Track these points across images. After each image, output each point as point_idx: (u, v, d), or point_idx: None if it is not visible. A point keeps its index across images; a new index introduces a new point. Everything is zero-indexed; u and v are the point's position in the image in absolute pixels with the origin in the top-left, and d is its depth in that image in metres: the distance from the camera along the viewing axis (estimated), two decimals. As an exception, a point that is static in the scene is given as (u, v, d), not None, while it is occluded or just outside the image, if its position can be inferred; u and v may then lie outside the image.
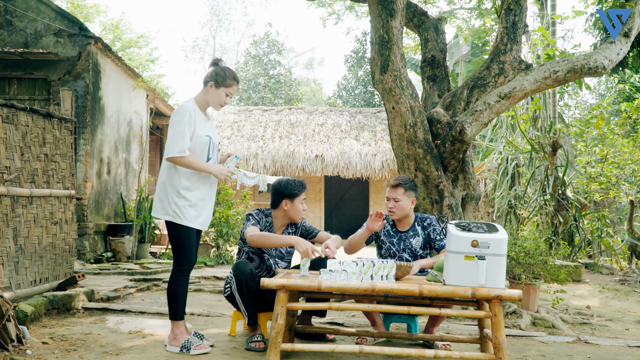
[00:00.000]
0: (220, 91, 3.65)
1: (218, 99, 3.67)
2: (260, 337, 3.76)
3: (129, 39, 24.54)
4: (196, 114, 3.58)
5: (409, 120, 5.36)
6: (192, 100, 3.68)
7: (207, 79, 3.68)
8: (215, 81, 3.65)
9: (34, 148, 4.83)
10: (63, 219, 5.27)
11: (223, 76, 3.66)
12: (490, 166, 11.88)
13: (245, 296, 3.70)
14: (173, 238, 3.62)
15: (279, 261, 4.07)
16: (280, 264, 4.05)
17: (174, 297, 3.60)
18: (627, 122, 9.80)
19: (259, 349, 3.66)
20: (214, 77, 3.66)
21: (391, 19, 5.31)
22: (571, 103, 23.76)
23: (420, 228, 4.12)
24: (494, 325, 3.12)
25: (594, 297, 6.68)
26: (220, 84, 3.65)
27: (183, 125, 3.50)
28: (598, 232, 9.12)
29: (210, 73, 3.68)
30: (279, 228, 4.04)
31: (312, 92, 38.04)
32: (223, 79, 3.65)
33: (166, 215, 3.56)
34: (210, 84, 3.65)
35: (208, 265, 8.87)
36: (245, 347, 3.70)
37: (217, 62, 3.75)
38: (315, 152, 15.27)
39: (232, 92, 3.70)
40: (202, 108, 3.69)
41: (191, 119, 3.53)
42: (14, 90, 8.78)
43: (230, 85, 3.67)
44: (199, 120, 3.59)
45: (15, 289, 4.51)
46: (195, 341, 3.58)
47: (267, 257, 4.02)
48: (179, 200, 3.53)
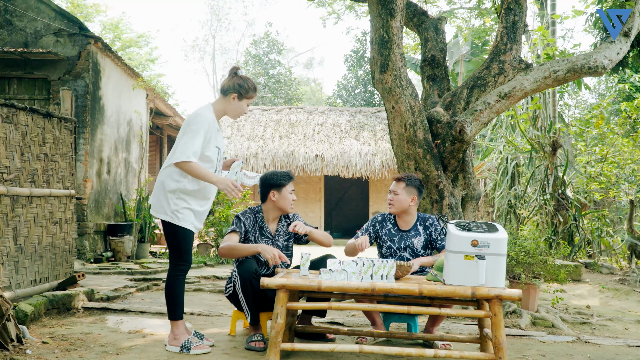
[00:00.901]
0: (243, 103, 3.63)
1: (240, 111, 3.65)
2: (260, 336, 3.76)
3: (128, 38, 24.53)
4: (214, 124, 3.54)
5: (408, 120, 5.36)
6: (210, 108, 3.61)
7: (229, 90, 3.61)
8: (239, 93, 3.60)
9: (33, 148, 4.83)
10: (63, 218, 5.27)
11: (247, 88, 3.61)
12: (490, 166, 11.88)
13: (249, 295, 3.70)
14: (170, 239, 3.60)
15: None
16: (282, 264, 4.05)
17: (172, 297, 3.59)
18: (627, 122, 9.80)
19: (258, 348, 3.65)
20: (237, 89, 3.60)
21: (391, 18, 5.31)
22: (571, 103, 23.77)
23: (422, 228, 4.13)
24: (493, 325, 3.12)
25: (594, 297, 6.68)
26: (244, 96, 3.62)
27: (200, 134, 3.44)
28: (598, 231, 9.12)
29: (233, 84, 3.61)
30: (271, 221, 4.02)
31: (312, 91, 38.04)
32: (246, 91, 3.62)
33: (164, 215, 3.55)
34: (234, 95, 3.60)
35: (208, 265, 8.87)
36: (245, 347, 3.71)
37: (236, 71, 3.69)
38: (315, 152, 15.27)
39: (252, 102, 3.71)
40: (218, 117, 3.65)
41: (209, 130, 3.49)
42: (14, 89, 8.78)
43: (252, 97, 3.67)
44: (214, 130, 3.54)
45: (15, 288, 4.51)
46: (195, 341, 3.58)
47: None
48: (179, 202, 3.51)
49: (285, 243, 4.08)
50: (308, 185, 16.68)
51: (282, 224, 4.05)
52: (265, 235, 3.99)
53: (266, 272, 3.99)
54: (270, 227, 4.01)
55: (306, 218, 16.48)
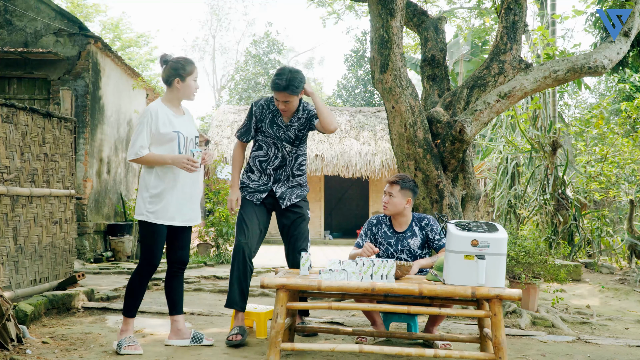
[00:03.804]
0: (188, 81, 3.63)
1: (190, 90, 3.66)
2: (238, 329, 3.78)
3: (128, 38, 24.53)
4: (158, 112, 3.56)
5: (408, 120, 5.36)
6: (158, 101, 3.66)
7: (170, 77, 3.62)
8: (180, 75, 3.61)
9: (33, 147, 4.83)
10: (63, 218, 5.27)
11: (183, 67, 3.61)
12: (490, 165, 11.88)
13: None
14: (141, 237, 3.66)
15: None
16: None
17: (129, 295, 3.64)
18: (627, 122, 9.80)
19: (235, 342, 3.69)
20: (176, 74, 3.61)
21: (391, 18, 5.31)
22: (571, 102, 23.77)
23: (417, 228, 4.12)
24: (493, 325, 3.12)
25: (594, 297, 6.68)
26: (185, 76, 3.62)
27: (142, 126, 3.53)
28: (598, 231, 9.12)
29: (170, 71, 3.62)
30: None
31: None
32: (184, 69, 3.61)
33: (140, 216, 3.59)
34: (177, 80, 3.62)
35: (208, 265, 8.87)
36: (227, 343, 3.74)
37: (165, 58, 3.67)
38: (315, 152, 15.27)
39: (196, 75, 3.67)
40: (174, 105, 3.67)
41: (152, 119, 3.54)
42: (14, 89, 8.78)
43: (192, 71, 3.64)
44: (163, 117, 3.57)
45: (15, 288, 4.51)
46: (130, 341, 3.52)
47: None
48: (147, 197, 3.57)
49: (298, 133, 4.04)
50: (308, 186, 16.70)
51: (298, 116, 4.00)
52: (277, 125, 3.99)
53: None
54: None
55: (306, 218, 16.47)
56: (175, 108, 3.68)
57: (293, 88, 3.79)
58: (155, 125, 3.55)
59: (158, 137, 3.56)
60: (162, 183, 3.58)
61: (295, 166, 4.12)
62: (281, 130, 4.00)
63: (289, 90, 3.78)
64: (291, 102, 3.85)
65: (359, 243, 4.15)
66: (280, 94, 3.82)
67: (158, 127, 3.55)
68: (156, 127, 3.55)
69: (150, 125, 3.54)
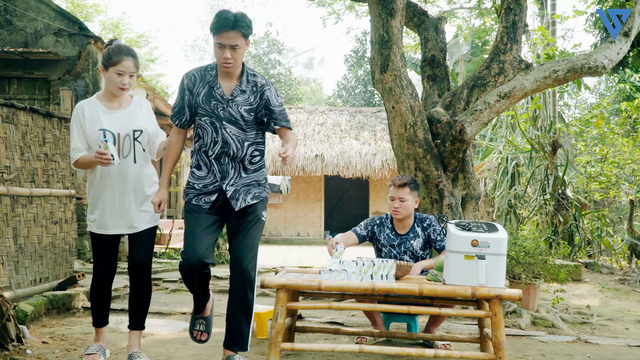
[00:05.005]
0: (110, 73, 3.19)
1: (113, 83, 3.21)
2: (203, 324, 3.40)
3: (128, 38, 24.51)
4: (84, 110, 3.25)
5: (409, 120, 5.36)
6: (93, 96, 3.34)
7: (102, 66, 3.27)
8: (104, 65, 3.21)
9: (33, 147, 4.83)
10: (63, 218, 5.27)
11: (109, 56, 3.19)
12: (490, 166, 11.88)
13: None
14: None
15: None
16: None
17: (91, 304, 3.39)
18: (627, 122, 9.80)
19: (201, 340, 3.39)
20: (102, 62, 3.22)
21: (391, 18, 5.31)
22: (571, 102, 23.78)
23: (420, 229, 4.10)
24: (493, 325, 3.12)
25: (594, 297, 6.68)
26: (109, 66, 3.19)
27: (74, 128, 3.25)
28: (598, 231, 9.12)
29: (102, 57, 3.25)
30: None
31: (312, 91, 38.02)
32: (109, 59, 3.18)
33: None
34: (101, 69, 3.23)
35: (208, 265, 8.85)
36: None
37: (112, 41, 3.25)
38: (315, 152, 15.27)
39: (125, 70, 3.19)
40: (107, 99, 3.30)
41: (79, 118, 3.24)
42: (14, 89, 8.78)
43: (117, 62, 3.17)
44: (90, 115, 3.24)
45: (15, 288, 4.51)
46: (92, 350, 3.27)
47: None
48: (88, 205, 3.37)
49: (244, 113, 3.16)
50: (308, 185, 16.67)
51: (242, 88, 3.16)
52: (215, 98, 3.15)
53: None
54: (223, 87, 3.15)
55: (306, 218, 16.50)
56: (107, 102, 3.29)
57: (244, 25, 2.99)
58: (84, 124, 3.24)
59: (87, 137, 3.24)
60: (93, 189, 3.31)
61: (247, 158, 3.18)
62: (220, 105, 3.13)
63: (238, 27, 2.97)
64: (240, 47, 3.01)
65: (356, 230, 4.11)
66: (229, 34, 2.97)
67: (85, 126, 3.23)
68: (84, 126, 3.24)
69: (80, 125, 3.24)
